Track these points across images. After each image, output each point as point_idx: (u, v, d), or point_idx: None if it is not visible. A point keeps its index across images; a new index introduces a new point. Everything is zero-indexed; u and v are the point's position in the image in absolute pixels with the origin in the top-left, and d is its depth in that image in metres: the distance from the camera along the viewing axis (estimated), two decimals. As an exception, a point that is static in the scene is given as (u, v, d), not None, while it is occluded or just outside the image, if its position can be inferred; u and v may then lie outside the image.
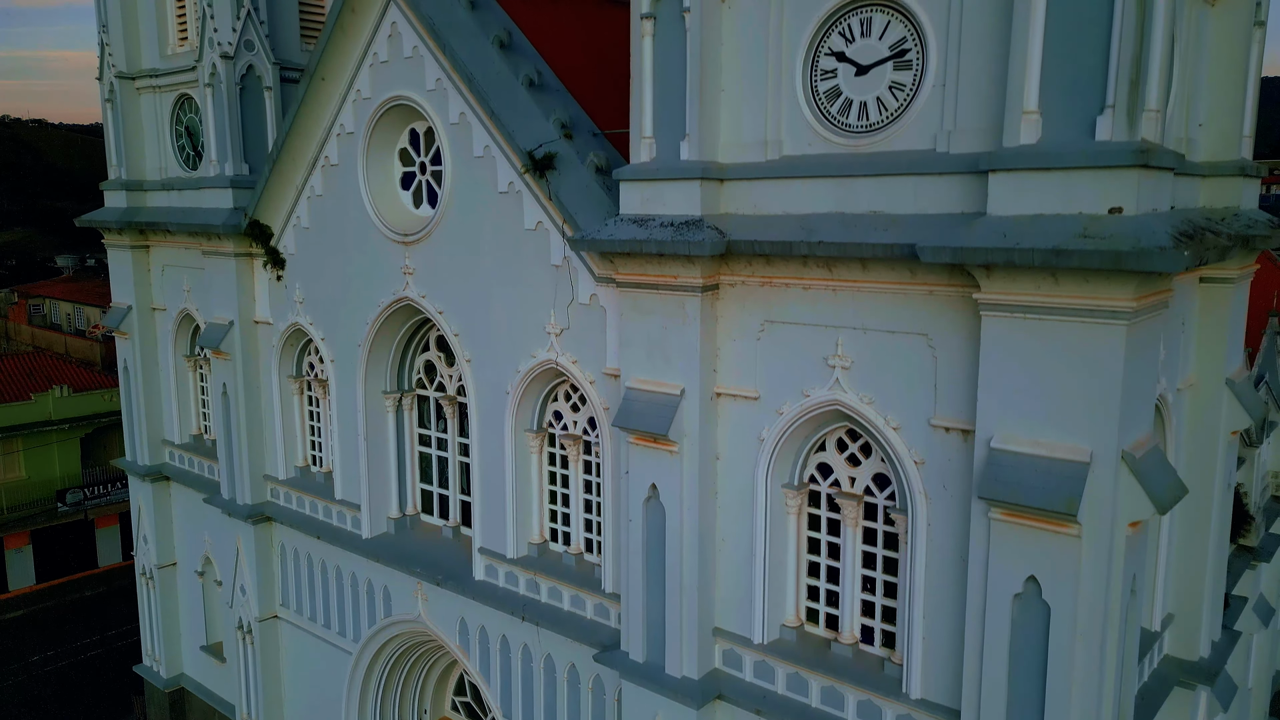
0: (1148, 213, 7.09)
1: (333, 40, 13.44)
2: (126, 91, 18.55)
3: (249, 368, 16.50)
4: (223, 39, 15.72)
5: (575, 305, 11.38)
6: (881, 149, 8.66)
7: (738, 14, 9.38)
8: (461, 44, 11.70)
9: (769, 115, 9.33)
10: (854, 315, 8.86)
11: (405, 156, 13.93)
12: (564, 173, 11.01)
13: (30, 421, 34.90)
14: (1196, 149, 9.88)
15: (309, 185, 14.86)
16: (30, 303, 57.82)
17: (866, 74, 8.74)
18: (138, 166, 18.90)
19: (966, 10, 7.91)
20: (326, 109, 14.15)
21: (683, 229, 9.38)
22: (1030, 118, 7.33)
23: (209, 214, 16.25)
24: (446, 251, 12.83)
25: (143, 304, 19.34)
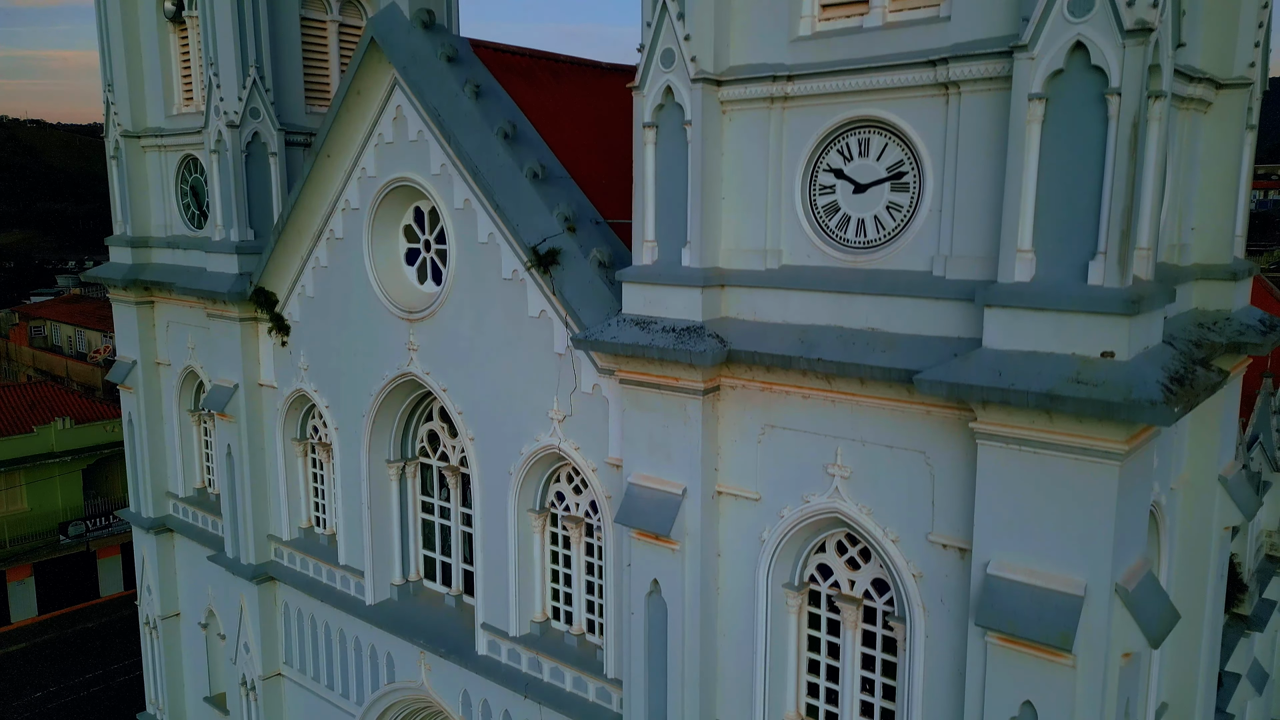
0: (1140, 353, 7.26)
1: (338, 120, 13.62)
2: (131, 149, 18.74)
3: (253, 430, 16.65)
4: (228, 108, 15.90)
5: (578, 393, 11.55)
6: (879, 267, 8.84)
7: (738, 127, 9.56)
8: (466, 135, 11.88)
9: (769, 226, 9.50)
10: (852, 427, 9.02)
11: (410, 233, 14.11)
12: (567, 267, 11.18)
13: (32, 454, 35.05)
14: (1189, 252, 10.06)
15: (314, 256, 15.04)
16: (31, 324, 57.93)
17: (864, 192, 8.92)
18: (143, 223, 19.08)
19: (962, 143, 8.09)
20: (332, 184, 14.33)
21: (684, 336, 9.55)
22: (1024, 256, 7.51)
23: (214, 279, 16.42)
24: (451, 331, 13.00)
25: (147, 359, 19.50)
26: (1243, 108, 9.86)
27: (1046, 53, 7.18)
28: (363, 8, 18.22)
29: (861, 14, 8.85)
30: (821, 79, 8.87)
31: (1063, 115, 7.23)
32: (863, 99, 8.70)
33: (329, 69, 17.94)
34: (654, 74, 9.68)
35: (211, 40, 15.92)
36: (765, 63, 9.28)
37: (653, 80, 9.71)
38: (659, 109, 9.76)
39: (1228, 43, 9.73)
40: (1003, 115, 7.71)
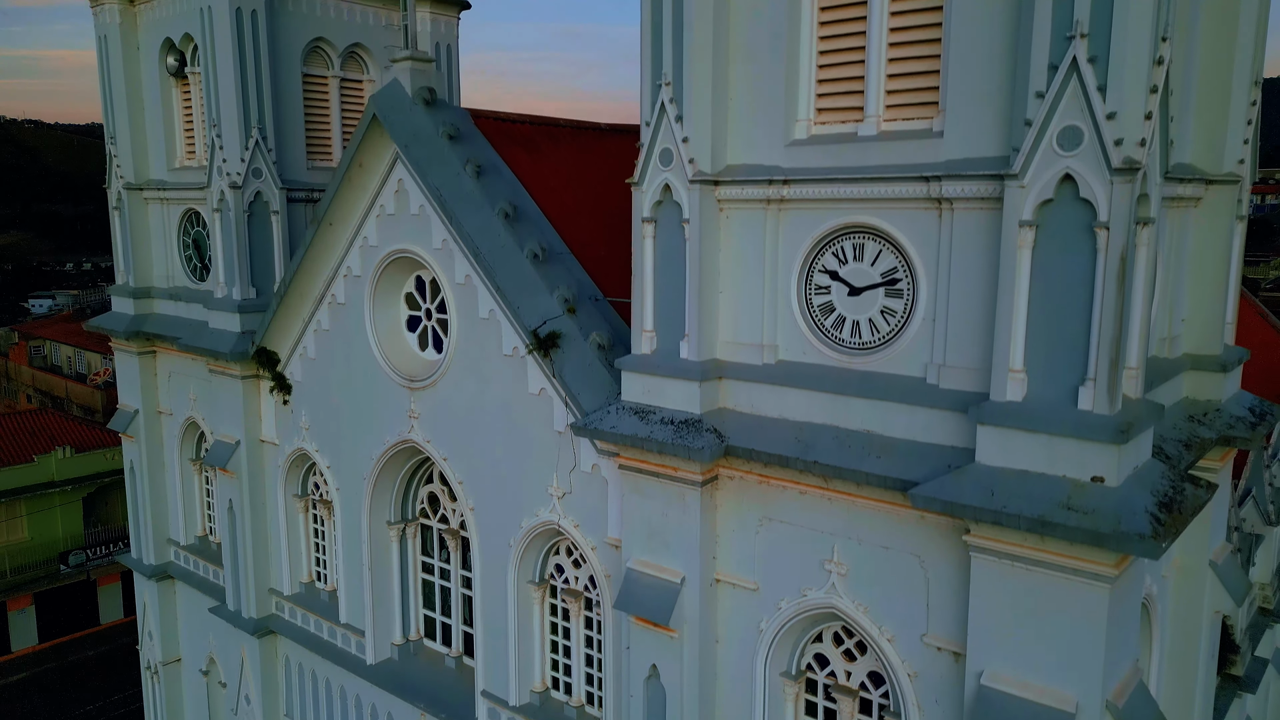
0: (1131, 475, 7.40)
1: (341, 190, 13.77)
2: (134, 201, 18.89)
3: (255, 486, 16.78)
4: (231, 169, 16.06)
5: (577, 472, 11.68)
6: (875, 369, 8.98)
7: (735, 224, 9.71)
8: (468, 216, 12.03)
9: (765, 321, 9.65)
10: (849, 526, 9.16)
11: (411, 300, 14.26)
12: (567, 351, 11.32)
13: (33, 484, 35.14)
14: (1179, 343, 10.21)
15: (315, 319, 15.17)
16: (31, 344, 58.03)
17: (859, 295, 9.07)
18: (145, 274, 19.22)
19: (955, 256, 8.24)
20: (334, 251, 14.47)
21: (682, 430, 9.69)
22: (1016, 376, 7.65)
23: (216, 336, 16.55)
24: (452, 401, 13.13)
25: (149, 408, 19.62)
26: (1233, 200, 10.03)
27: (1036, 183, 7.33)
28: (364, 63, 18.41)
29: (856, 121, 9.01)
30: (816, 185, 9.02)
31: (1052, 242, 7.38)
32: (857, 206, 8.85)
33: (330, 124, 18.13)
34: (652, 172, 9.83)
35: (214, 101, 16.08)
36: (762, 164, 9.44)
37: (651, 178, 9.86)
38: (657, 205, 9.91)
39: (1218, 139, 9.90)
40: (995, 233, 7.86)
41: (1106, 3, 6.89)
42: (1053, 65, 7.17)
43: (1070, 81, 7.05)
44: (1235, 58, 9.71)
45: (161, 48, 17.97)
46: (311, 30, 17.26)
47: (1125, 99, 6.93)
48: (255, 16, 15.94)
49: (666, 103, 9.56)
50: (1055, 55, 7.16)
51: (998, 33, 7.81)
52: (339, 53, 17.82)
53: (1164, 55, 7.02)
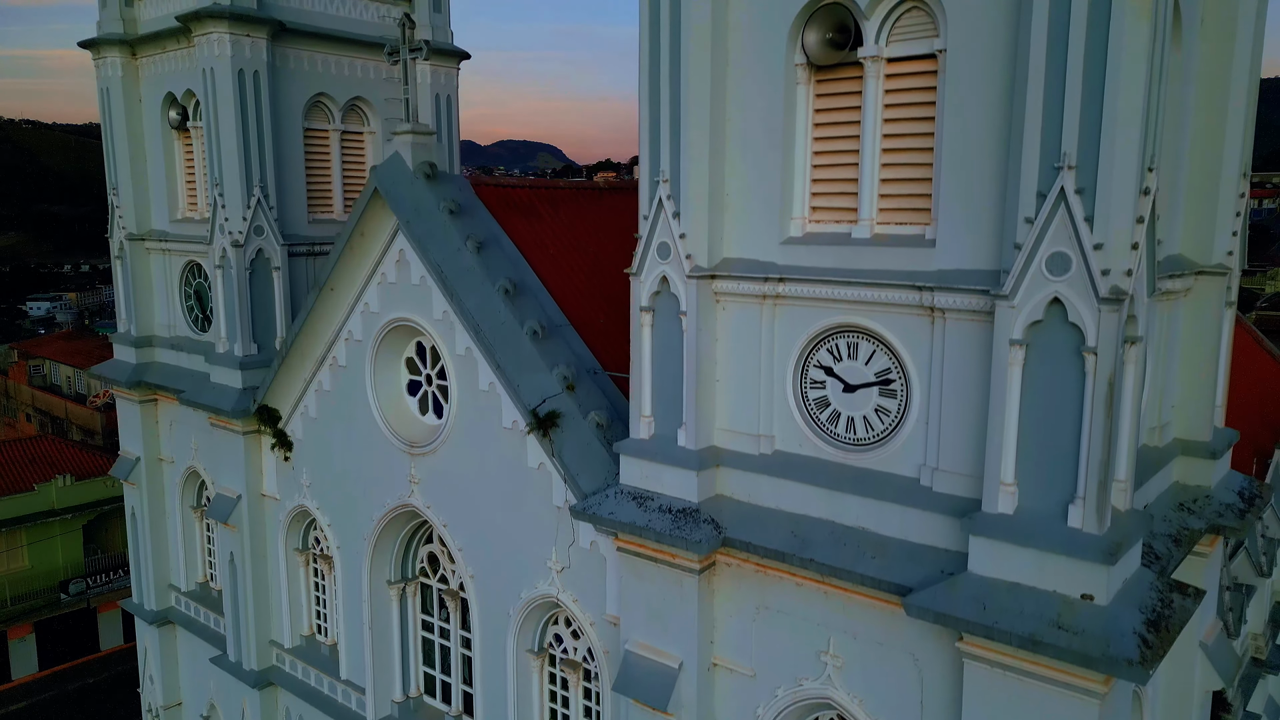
0: (1120, 591, 7.55)
1: (343, 258, 13.92)
2: (136, 252, 19.04)
3: (256, 540, 16.90)
4: (233, 227, 16.21)
5: (576, 547, 11.81)
6: (869, 466, 9.12)
7: (732, 316, 9.85)
8: (468, 293, 12.17)
9: (761, 412, 9.79)
10: (845, 620, 9.29)
11: (412, 364, 14.39)
12: (566, 430, 11.46)
13: (33, 512, 35.23)
14: (1169, 429, 10.36)
15: (317, 379, 15.31)
16: (30, 363, 58.12)
17: (854, 392, 9.21)
18: (147, 323, 19.36)
19: (948, 364, 8.39)
20: (335, 315, 14.61)
21: (680, 520, 9.83)
22: (1007, 488, 7.80)
23: (218, 392, 16.68)
24: (452, 469, 13.26)
25: (150, 455, 19.75)
26: (1222, 288, 10.18)
27: (1026, 304, 7.48)
28: (365, 115, 18.57)
29: (851, 222, 9.16)
30: (811, 284, 9.18)
31: (1042, 362, 7.53)
32: (850, 308, 9.00)
33: (331, 176, 18.30)
34: (650, 264, 9.99)
35: (216, 159, 16.22)
36: (758, 260, 9.59)
37: (649, 269, 10.01)
38: (655, 294, 10.06)
39: (1206, 231, 10.06)
40: (987, 344, 8.00)
41: (1094, 135, 7.05)
42: (1041, 193, 7.33)
43: (1058, 211, 7.21)
44: (1224, 152, 9.87)
45: (164, 101, 18.12)
46: (313, 86, 17.42)
47: (1112, 230, 7.08)
48: (257, 77, 16.11)
49: (664, 199, 9.71)
50: (1044, 184, 7.31)
51: (989, 148, 7.97)
52: (340, 106, 17.99)
53: (1150, 186, 7.18)
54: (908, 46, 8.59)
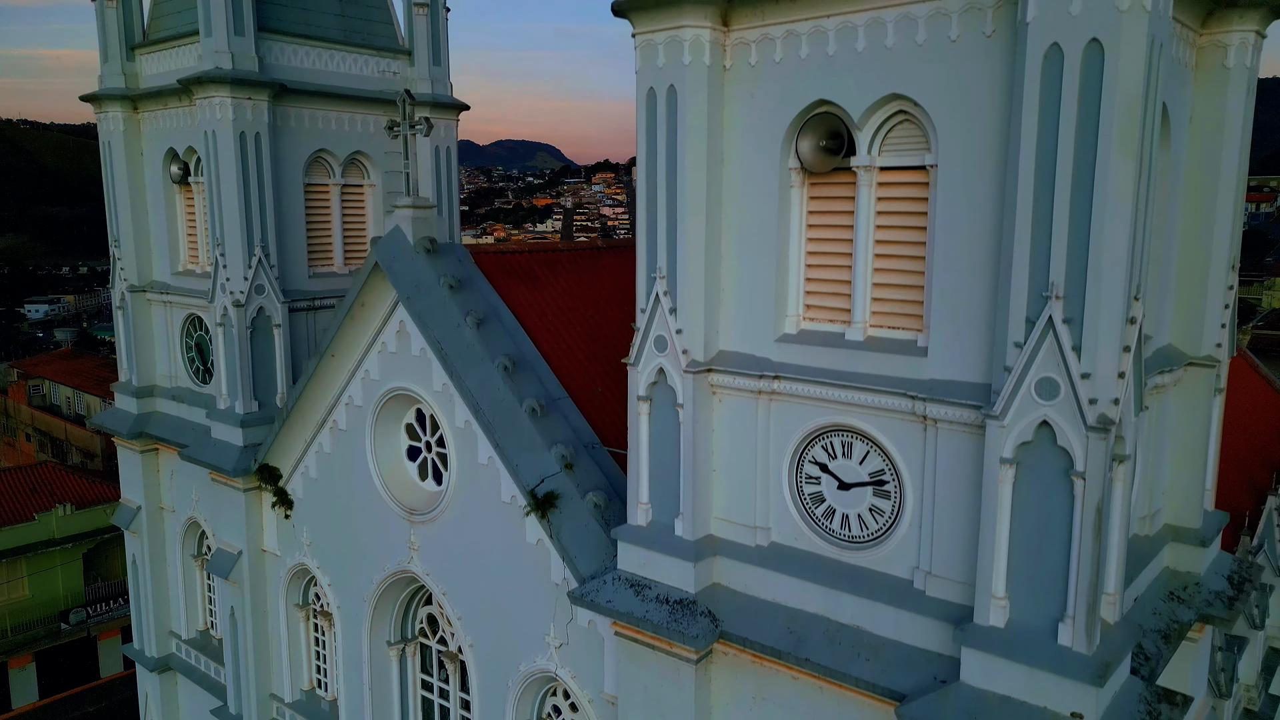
0: (1109, 706, 7.67)
1: (344, 327, 14.05)
2: (137, 303, 19.18)
3: (257, 594, 17.01)
4: (234, 287, 16.34)
5: (575, 625, 11.93)
6: (864, 565, 9.25)
7: (728, 409, 9.98)
8: (468, 370, 12.30)
9: (757, 504, 9.92)
10: (839, 714, 9.40)
11: (412, 430, 14.51)
12: (565, 511, 11.59)
13: (34, 542, 35.31)
14: (1160, 516, 10.49)
15: (318, 441, 15.43)
16: (30, 383, 58.23)
17: (848, 491, 9.35)
18: (148, 373, 19.49)
19: (940, 471, 8.52)
20: (336, 380, 14.74)
21: (678, 611, 9.95)
22: (999, 602, 7.92)
23: (219, 449, 16.80)
24: (451, 538, 13.38)
25: (151, 504, 19.88)
26: (1211, 377, 10.30)
27: (1015, 425, 7.61)
28: (365, 168, 18.72)
29: (844, 323, 9.30)
30: (805, 384, 9.31)
31: (1032, 482, 7.66)
32: (844, 409, 9.13)
33: (331, 230, 18.44)
34: (647, 355, 10.12)
35: (218, 219, 16.36)
36: (753, 355, 9.72)
37: (646, 360, 10.14)
38: (653, 384, 10.19)
39: (1196, 322, 10.18)
40: (979, 455, 8.13)
41: (1081, 267, 7.19)
42: (1030, 319, 7.46)
43: (1046, 338, 7.34)
44: (1213, 245, 10.00)
45: (165, 156, 18.28)
46: (313, 143, 17.57)
47: (1099, 359, 7.22)
48: (258, 138, 16.26)
49: (661, 295, 9.85)
50: (1032, 310, 7.45)
51: (980, 262, 8.11)
52: (340, 161, 18.14)
53: (1136, 315, 7.32)
54: (900, 158, 8.74)
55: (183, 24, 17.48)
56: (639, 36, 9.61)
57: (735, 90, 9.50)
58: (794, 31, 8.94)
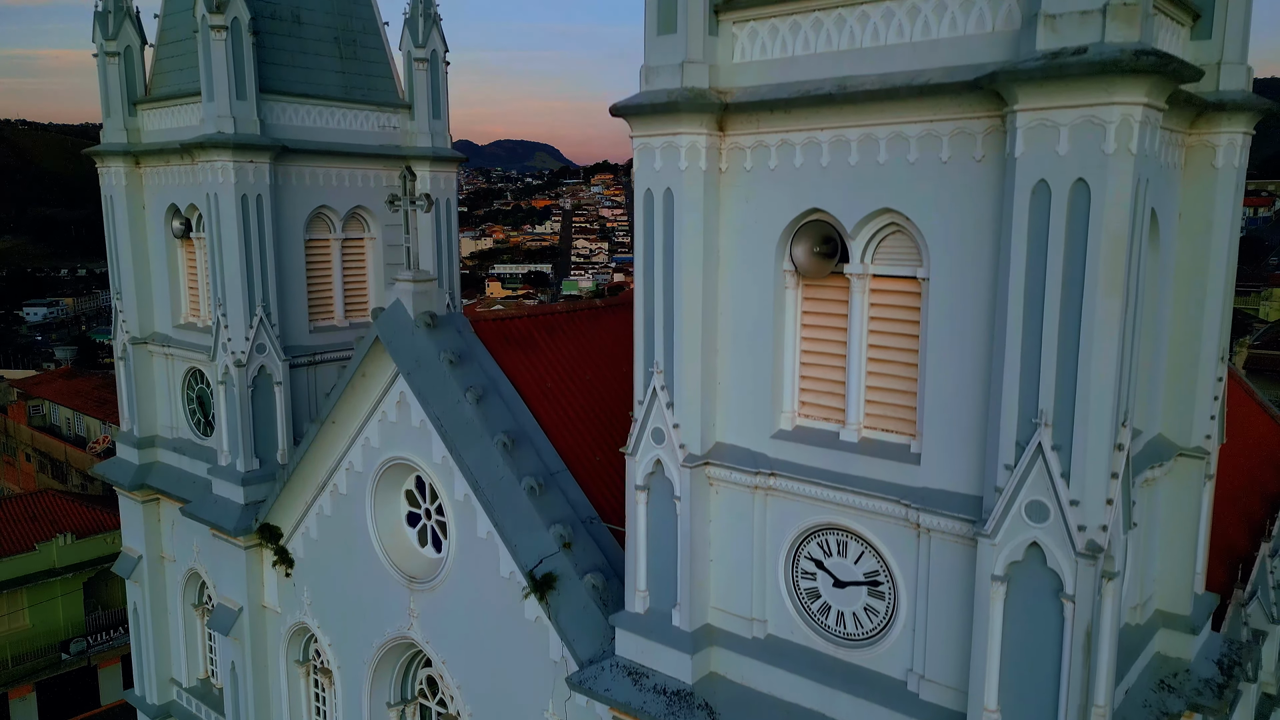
0: (1097, 820, 7.80)
1: (344, 396, 14.18)
2: (139, 354, 19.29)
3: (257, 649, 17.11)
4: (236, 347, 16.47)
5: (574, 703, 12.05)
6: (859, 663, 9.38)
7: (725, 501, 10.12)
8: (468, 447, 12.43)
9: (754, 596, 10.05)
10: (834, 809, 9.53)
11: (412, 497, 14.63)
12: (563, 593, 11.71)
13: (34, 572, 35.39)
14: (1150, 604, 10.62)
15: (318, 503, 15.55)
16: (30, 404, 58.36)
17: (844, 588, 9.48)
18: (149, 424, 19.60)
19: (933, 577, 8.65)
20: (337, 445, 14.86)
21: (675, 702, 10.07)
22: (991, 715, 8.05)
23: (220, 508, 16.91)
24: (450, 608, 13.50)
25: (152, 553, 19.98)
26: (1202, 467, 10.44)
27: (1006, 544, 7.75)
28: (366, 222, 18.85)
29: (839, 422, 9.44)
30: (801, 483, 9.45)
31: (1023, 599, 7.80)
32: (839, 510, 9.27)
33: (332, 284, 18.56)
34: (645, 446, 10.25)
35: (219, 280, 16.49)
36: (749, 450, 9.86)
37: (644, 451, 10.28)
38: (650, 474, 10.33)
39: (1186, 413, 10.32)
40: (971, 564, 8.26)
41: (1069, 397, 7.34)
42: (1020, 443, 7.60)
43: (1036, 464, 7.49)
44: (1203, 338, 10.14)
45: (167, 211, 18.40)
46: (314, 200, 17.70)
47: (1088, 486, 7.36)
48: (260, 200, 16.39)
49: (659, 389, 9.99)
50: (1022, 434, 7.60)
51: (971, 374, 8.25)
52: (341, 216, 18.26)
53: (1124, 441, 7.46)
54: (892, 268, 8.89)
55: (185, 82, 17.62)
56: (637, 139, 9.76)
57: (731, 193, 9.65)
58: (788, 141, 9.10)
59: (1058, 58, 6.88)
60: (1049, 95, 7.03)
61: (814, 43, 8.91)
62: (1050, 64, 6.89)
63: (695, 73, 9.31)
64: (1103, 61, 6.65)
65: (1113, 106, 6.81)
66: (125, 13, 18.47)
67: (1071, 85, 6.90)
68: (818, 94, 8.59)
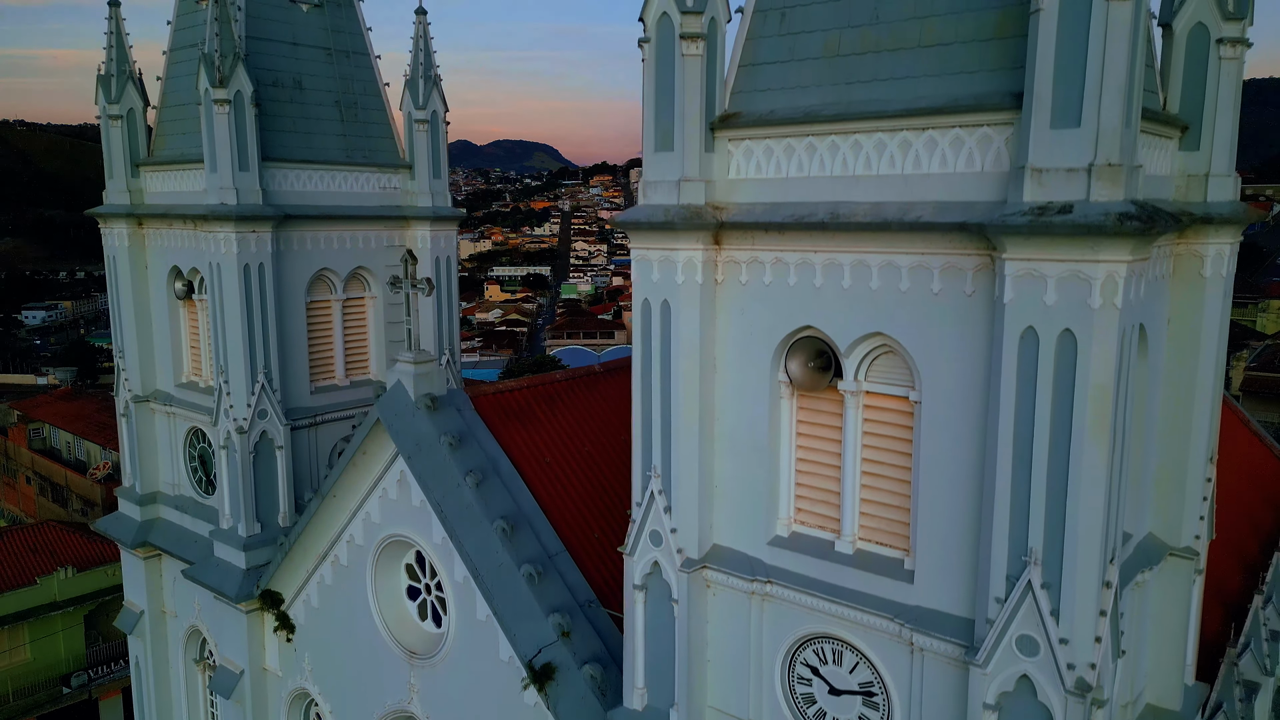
0: None
1: (346, 473, 14.33)
2: (141, 412, 19.43)
3: (258, 712, 17.22)
4: (238, 414, 16.61)
5: (573, 788, 12.18)
6: (853, 771, 9.52)
7: (722, 604, 10.26)
8: (468, 533, 12.58)
9: (751, 697, 10.18)
10: None
11: (412, 570, 14.77)
12: (562, 684, 11.85)
13: (35, 606, 35.48)
14: (1141, 700, 10.76)
15: (319, 573, 15.68)
16: (30, 426, 58.50)
17: (839, 696, 9.62)
18: (151, 480, 19.73)
19: (926, 696, 8.79)
20: (339, 518, 15.00)
21: (672, 802, 10.21)
22: (982, 837, 8.19)
23: (222, 572, 17.03)
24: (450, 686, 13.63)
25: (154, 608, 20.10)
26: (1191, 566, 10.58)
27: (997, 674, 7.90)
28: (367, 281, 19.01)
29: (834, 531, 9.59)
30: (796, 591, 9.59)
31: (1015, 730, 7.94)
32: (834, 621, 9.41)
33: (333, 343, 18.71)
34: (643, 548, 10.40)
35: (221, 347, 16.63)
36: (745, 555, 10.01)
37: (642, 553, 10.43)
38: (648, 575, 10.47)
39: (1175, 514, 10.47)
40: (964, 685, 8.40)
41: (1058, 538, 7.49)
42: (1010, 578, 7.75)
43: (1026, 600, 7.64)
44: (1191, 441, 10.30)
45: (170, 273, 18.55)
46: (316, 264, 17.87)
47: (1077, 625, 7.51)
48: (262, 269, 16.55)
49: (656, 493, 10.15)
50: (1012, 569, 7.75)
51: (963, 497, 8.39)
52: (342, 277, 18.42)
53: (1111, 579, 7.60)
54: (886, 386, 9.04)
55: (187, 146, 17.81)
56: (635, 250, 9.93)
57: (727, 303, 9.81)
58: (782, 260, 9.26)
59: (1044, 215, 7.05)
60: (1036, 248, 7.20)
61: (808, 166, 9.08)
62: (1036, 221, 7.06)
63: (692, 190, 9.49)
64: (1087, 225, 6.82)
65: (1098, 264, 6.97)
66: (128, 76, 18.66)
67: (1057, 241, 7.07)
68: (811, 221, 8.76)
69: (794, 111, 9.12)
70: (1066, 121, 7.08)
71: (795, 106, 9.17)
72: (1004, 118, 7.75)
